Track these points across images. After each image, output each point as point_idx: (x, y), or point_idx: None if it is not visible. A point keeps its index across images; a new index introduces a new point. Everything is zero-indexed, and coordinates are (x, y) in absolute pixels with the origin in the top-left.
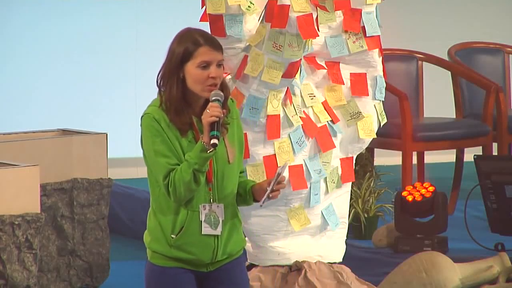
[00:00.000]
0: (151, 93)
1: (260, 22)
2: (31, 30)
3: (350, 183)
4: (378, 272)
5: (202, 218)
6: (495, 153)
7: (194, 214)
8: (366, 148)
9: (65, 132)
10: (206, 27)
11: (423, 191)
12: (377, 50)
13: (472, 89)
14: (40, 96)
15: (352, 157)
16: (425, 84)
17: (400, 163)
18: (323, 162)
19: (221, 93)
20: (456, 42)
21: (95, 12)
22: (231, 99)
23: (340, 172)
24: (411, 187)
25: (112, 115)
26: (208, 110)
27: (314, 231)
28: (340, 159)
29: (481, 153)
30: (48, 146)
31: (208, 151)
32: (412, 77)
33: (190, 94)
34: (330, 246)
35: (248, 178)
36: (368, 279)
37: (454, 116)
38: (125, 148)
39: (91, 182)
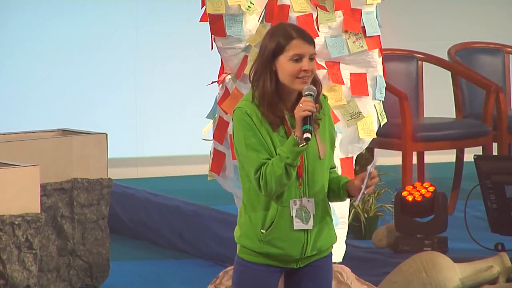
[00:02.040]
0: (151, 93)
1: (260, 22)
2: (31, 30)
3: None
4: (378, 272)
5: (293, 213)
6: (495, 153)
7: (284, 209)
8: (366, 148)
9: (65, 132)
10: (206, 27)
11: (423, 191)
12: (377, 50)
13: (472, 89)
14: (40, 96)
15: (352, 157)
16: (425, 84)
17: (400, 163)
18: None
19: (314, 88)
20: (456, 42)
21: (95, 12)
22: (323, 95)
23: (340, 172)
24: (411, 187)
25: (112, 115)
26: (301, 105)
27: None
28: (340, 159)
29: (481, 153)
30: (48, 146)
31: (301, 145)
32: (412, 77)
33: (283, 89)
34: None
35: None
36: (368, 279)
37: (454, 116)
38: (125, 148)
39: (91, 182)
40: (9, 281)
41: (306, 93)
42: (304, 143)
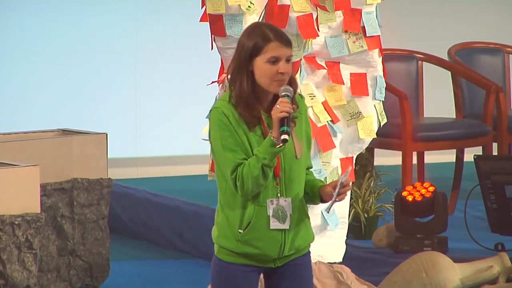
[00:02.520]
0: (151, 93)
1: None
2: (31, 30)
3: (350, 183)
4: (378, 272)
5: (270, 212)
6: (495, 153)
7: (261, 209)
8: (366, 148)
9: (65, 132)
10: (206, 27)
11: (423, 191)
12: (377, 50)
13: (472, 89)
14: (40, 96)
15: (352, 157)
16: (425, 84)
17: (400, 163)
18: (323, 162)
19: (291, 89)
20: (456, 42)
21: (95, 12)
22: (299, 94)
23: (340, 172)
24: (411, 187)
25: (112, 115)
26: (278, 106)
27: (314, 231)
28: (340, 159)
29: (481, 153)
30: (48, 146)
31: (278, 146)
32: (412, 77)
33: (259, 89)
34: (330, 246)
35: None
36: (368, 279)
37: (454, 116)
38: (125, 148)
39: (91, 182)
40: (9, 281)
41: (283, 94)
42: (281, 144)
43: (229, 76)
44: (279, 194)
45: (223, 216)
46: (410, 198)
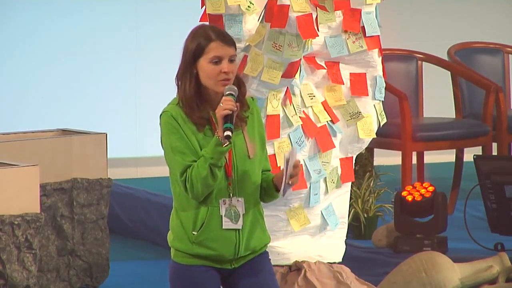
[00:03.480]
0: (151, 93)
1: (260, 22)
2: (31, 30)
3: (350, 183)
4: (378, 272)
5: (222, 212)
6: (494, 153)
7: (214, 210)
8: (366, 148)
9: (65, 132)
10: None
11: (422, 191)
12: (376, 50)
13: (472, 89)
14: (40, 96)
15: (352, 157)
16: (425, 84)
17: (400, 163)
18: (322, 162)
19: (235, 88)
20: (456, 42)
21: (95, 12)
22: (251, 97)
23: (339, 172)
24: (411, 187)
25: (112, 115)
26: (221, 104)
27: (313, 231)
28: (339, 159)
29: (480, 153)
30: (48, 146)
31: (224, 145)
32: (412, 77)
33: (206, 90)
34: (330, 246)
35: None
36: (368, 279)
37: (454, 116)
38: (125, 148)
39: (90, 182)
40: (9, 281)
41: (227, 92)
42: (227, 143)
43: (175, 79)
44: (231, 194)
45: (177, 220)
46: (409, 198)
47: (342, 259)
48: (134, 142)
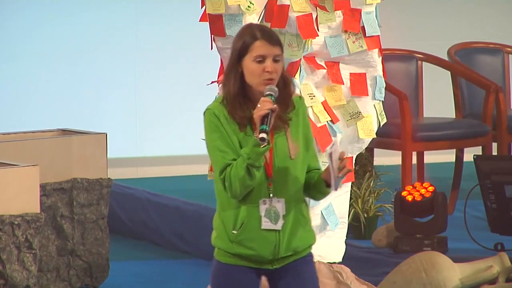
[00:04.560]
0: (151, 93)
1: (260, 22)
2: (31, 30)
3: (350, 183)
4: (378, 272)
5: (262, 213)
6: (494, 153)
7: (254, 209)
8: (366, 148)
9: (65, 132)
10: (205, 27)
11: (422, 191)
12: (376, 50)
13: (472, 89)
14: (40, 96)
15: (352, 157)
16: (425, 84)
17: (400, 163)
18: (322, 162)
19: (275, 89)
20: (456, 42)
21: (95, 12)
22: (299, 96)
23: None
24: (411, 187)
25: (112, 115)
26: (259, 105)
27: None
28: None
29: (480, 153)
30: (48, 146)
31: (262, 146)
32: (412, 77)
33: (249, 89)
34: (330, 246)
35: None
36: (368, 279)
37: (454, 116)
38: (125, 148)
39: (90, 182)
40: (9, 281)
41: (267, 93)
42: (264, 144)
43: (223, 77)
44: (271, 194)
45: (219, 218)
46: (409, 198)
47: (342, 259)
48: (134, 142)
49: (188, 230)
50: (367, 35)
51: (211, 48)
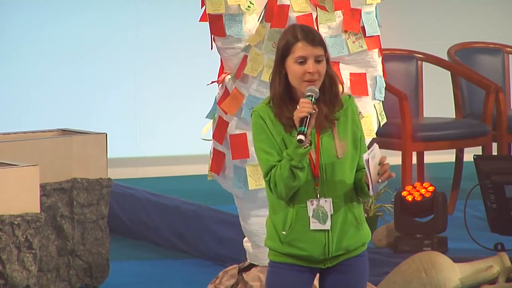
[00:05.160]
0: (151, 93)
1: (260, 22)
2: (31, 30)
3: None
4: (378, 272)
5: (310, 213)
6: (495, 153)
7: (302, 210)
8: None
9: (65, 132)
10: (205, 27)
11: (423, 191)
12: (377, 50)
13: (472, 89)
14: (40, 96)
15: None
16: (425, 84)
17: (400, 163)
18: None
19: (316, 90)
20: (456, 42)
21: (95, 12)
22: (348, 95)
23: None
24: (411, 187)
25: (112, 115)
26: (298, 106)
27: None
28: None
29: (481, 153)
30: (48, 146)
31: (304, 147)
32: (412, 77)
33: (294, 90)
34: None
35: (248, 178)
36: (368, 279)
37: (454, 116)
38: (125, 148)
39: (90, 182)
40: (9, 281)
41: (307, 94)
42: (306, 145)
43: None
44: (318, 195)
45: (270, 220)
46: (409, 198)
47: None
48: (134, 142)
49: (188, 230)
50: (367, 35)
51: (211, 48)
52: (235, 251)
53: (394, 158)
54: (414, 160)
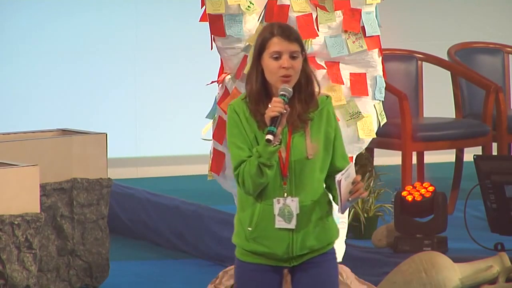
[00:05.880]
0: (151, 93)
1: (260, 22)
2: (31, 30)
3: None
4: (378, 272)
5: (276, 211)
6: (494, 153)
7: (268, 208)
8: (366, 148)
9: (65, 132)
10: (205, 27)
11: (422, 191)
12: (376, 50)
13: (472, 89)
14: (40, 96)
15: (352, 157)
16: (425, 84)
17: (400, 163)
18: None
19: (289, 89)
20: (456, 42)
21: (95, 12)
22: (326, 96)
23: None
24: (411, 187)
25: (112, 115)
26: (269, 105)
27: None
28: None
29: (481, 153)
30: (48, 146)
31: (273, 145)
32: (412, 77)
33: (270, 87)
34: None
35: None
36: (368, 279)
37: (454, 116)
38: (125, 148)
39: (90, 182)
40: (9, 281)
41: (280, 93)
42: (276, 143)
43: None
44: (286, 194)
45: (237, 216)
46: (409, 198)
47: (342, 259)
48: (134, 142)
49: (188, 230)
50: (367, 35)
51: (211, 48)
52: (235, 251)
53: (394, 158)
54: (414, 160)
